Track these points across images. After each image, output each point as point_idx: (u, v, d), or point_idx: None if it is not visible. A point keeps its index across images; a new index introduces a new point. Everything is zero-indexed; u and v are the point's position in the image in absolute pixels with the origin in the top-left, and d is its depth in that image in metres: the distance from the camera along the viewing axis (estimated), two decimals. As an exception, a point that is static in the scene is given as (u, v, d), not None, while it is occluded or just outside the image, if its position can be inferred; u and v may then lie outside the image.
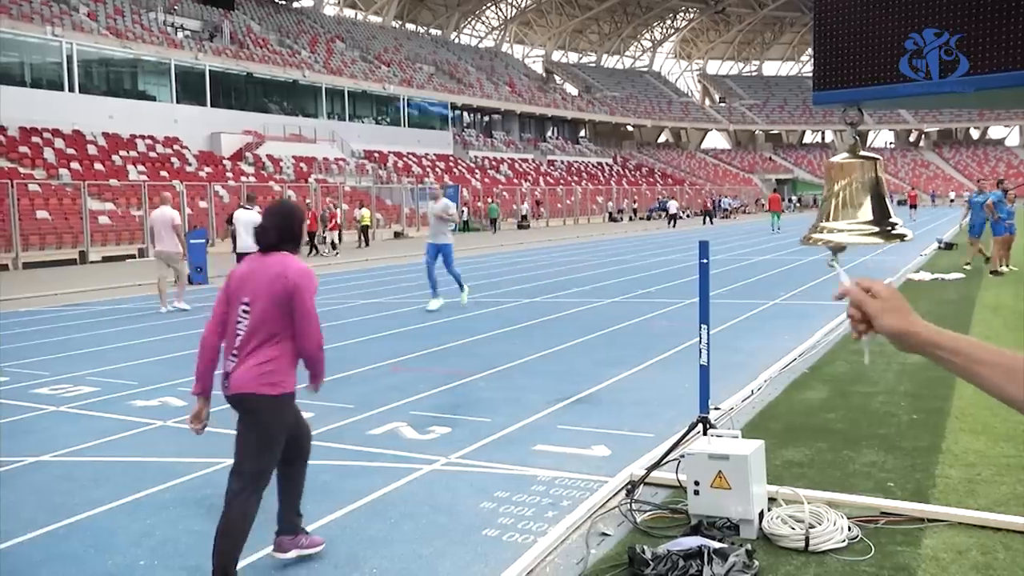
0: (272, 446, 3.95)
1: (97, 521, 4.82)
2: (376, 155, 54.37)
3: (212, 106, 47.08)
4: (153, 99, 44.99)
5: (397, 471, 5.52)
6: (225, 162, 43.44)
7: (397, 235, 43.10)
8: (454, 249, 14.28)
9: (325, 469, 5.61)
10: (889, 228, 1.97)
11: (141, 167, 37.96)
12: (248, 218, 15.60)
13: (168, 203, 15.02)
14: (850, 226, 1.96)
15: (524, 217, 51.34)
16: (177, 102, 45.44)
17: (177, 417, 7.08)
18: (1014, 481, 4.89)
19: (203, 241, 20.77)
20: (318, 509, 4.83)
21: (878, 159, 2.04)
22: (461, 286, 14.41)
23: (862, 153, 2.04)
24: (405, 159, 56.51)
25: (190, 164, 41.20)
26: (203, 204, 35.26)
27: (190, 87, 46.53)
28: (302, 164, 46.75)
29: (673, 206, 51.71)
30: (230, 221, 19.28)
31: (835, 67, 2.02)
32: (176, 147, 42.50)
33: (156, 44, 46.49)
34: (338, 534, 4.52)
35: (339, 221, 32.19)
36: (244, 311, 3.95)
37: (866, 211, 1.97)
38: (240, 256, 16.67)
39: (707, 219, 51.78)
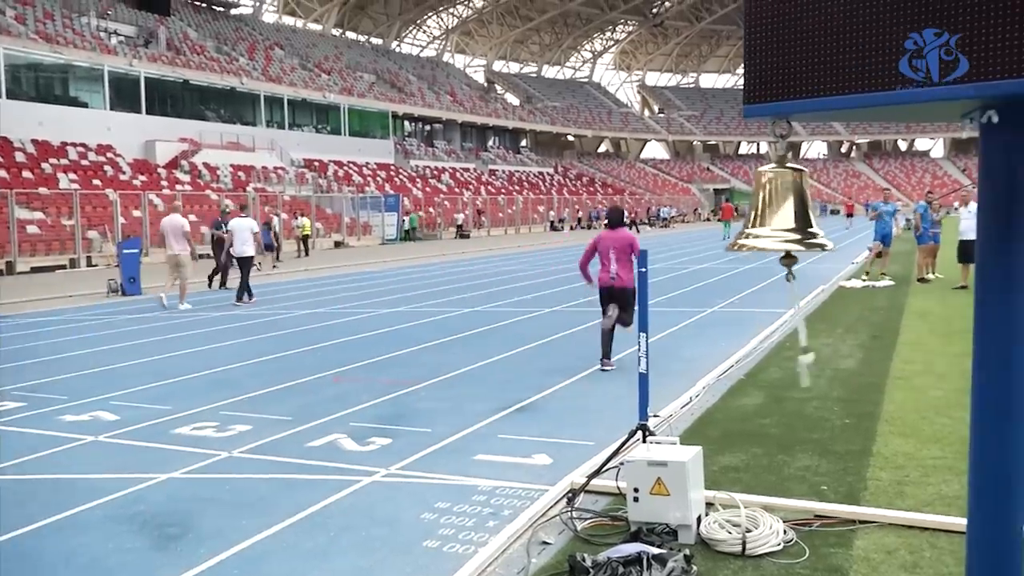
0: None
1: (22, 542, 4.66)
2: (316, 164, 53.84)
3: (147, 113, 46.12)
4: (85, 106, 43.90)
5: (336, 483, 5.45)
6: (160, 170, 42.58)
7: (338, 244, 42.72)
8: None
9: (262, 483, 5.52)
10: (810, 237, 2.02)
11: (72, 175, 36.99)
12: (243, 225, 16.92)
13: (178, 211, 16.84)
14: (774, 233, 2.01)
15: (460, 227, 51.34)
16: (111, 109, 44.42)
17: (109, 432, 6.90)
18: (939, 482, 5.03)
19: (136, 251, 20.29)
20: (254, 524, 4.75)
21: (804, 171, 2.09)
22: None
23: (789, 165, 2.08)
24: (346, 168, 56.05)
25: (124, 172, 40.29)
26: (137, 213, 34.47)
27: (124, 94, 45.53)
28: (240, 173, 46.07)
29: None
30: (217, 227, 19.17)
31: (764, 81, 2.06)
32: (109, 155, 41.53)
33: (88, 50, 45.43)
34: (275, 549, 4.44)
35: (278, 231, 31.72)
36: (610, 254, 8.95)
37: (789, 220, 2.02)
38: (237, 260, 17.11)
39: (632, 227, 52.17)
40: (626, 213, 47.05)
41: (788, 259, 2.09)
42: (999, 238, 2.06)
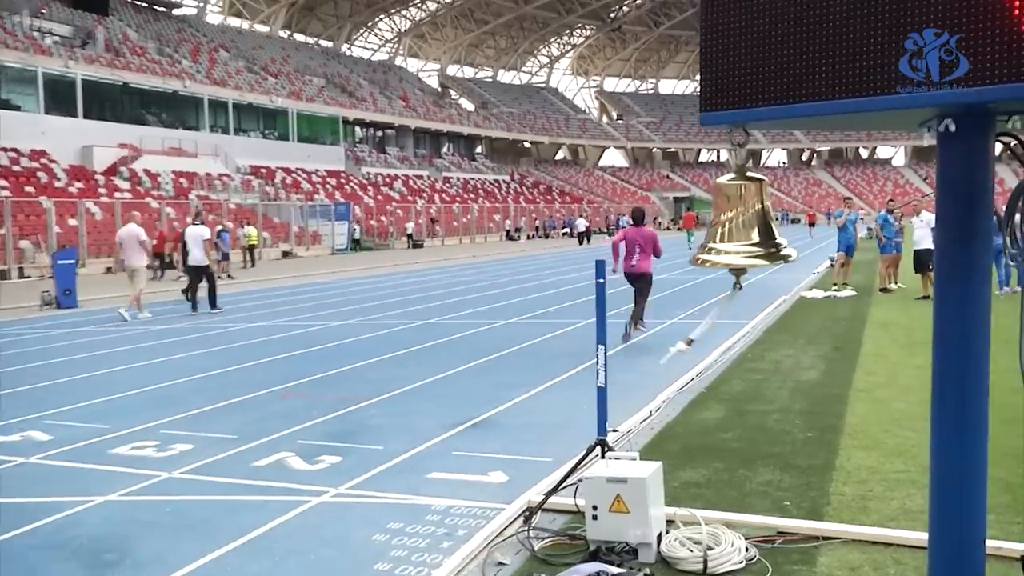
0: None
1: (-52, 569, 4.53)
2: (263, 171, 53.36)
3: (84, 117, 45.35)
4: (18, 109, 43.05)
5: (283, 504, 5.38)
6: (98, 177, 41.86)
7: (286, 255, 42.35)
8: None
9: (204, 505, 5.43)
10: (775, 249, 2.04)
11: (3, 182, 36.23)
12: (196, 233, 17.11)
13: (135, 220, 16.96)
14: (738, 248, 2.02)
15: (411, 236, 51.19)
16: (45, 112, 43.61)
17: (41, 453, 6.75)
18: (903, 496, 5.10)
19: (72, 262, 19.90)
20: (196, 548, 4.67)
21: (764, 180, 2.12)
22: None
23: (749, 174, 2.11)
24: (294, 175, 55.63)
25: (59, 179, 39.54)
26: (73, 222, 33.86)
27: (60, 97, 44.73)
28: (182, 180, 45.49)
29: (582, 224, 53.02)
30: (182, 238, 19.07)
31: (721, 88, 2.08)
32: (43, 161, 40.74)
33: (21, 50, 44.58)
34: (218, 575, 4.37)
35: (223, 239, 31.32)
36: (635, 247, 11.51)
37: (753, 232, 2.03)
38: (192, 269, 17.34)
39: (581, 240, 52.32)
40: (584, 222, 47.57)
41: (737, 268, 2.11)
42: (957, 248, 2.10)
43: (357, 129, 74.03)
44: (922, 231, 15.64)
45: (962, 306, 2.11)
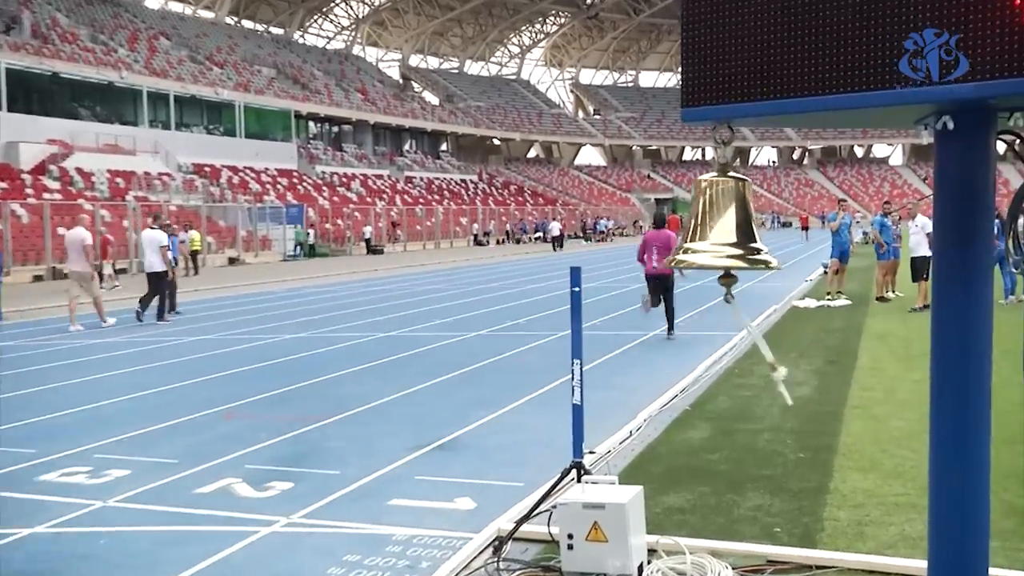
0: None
1: None
2: (207, 169, 53.02)
3: (9, 110, 44.80)
4: (-67, 101, 42.57)
5: (229, 535, 5.34)
6: (24, 176, 41.37)
7: (232, 261, 42.08)
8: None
9: (142, 536, 5.38)
10: (753, 253, 2.06)
11: (-82, 181, 35.76)
12: (153, 237, 17.36)
13: (83, 224, 17.13)
14: (713, 248, 2.04)
15: (368, 241, 51.09)
16: (-35, 105, 43.12)
17: (-40, 480, 6.64)
18: (903, 521, 5.16)
19: (-4, 270, 19.64)
20: (134, 584, 4.61)
21: (746, 180, 2.14)
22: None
23: (732, 173, 2.13)
24: (241, 174, 55.34)
25: (-19, 178, 39.09)
26: (-4, 226, 33.45)
27: (-19, 88, 44.25)
28: (119, 179, 45.07)
29: (556, 227, 53.19)
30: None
31: (705, 81, 2.10)
32: (-37, 158, 40.27)
33: (-62, 36, 44.07)
34: (158, 613, 4.32)
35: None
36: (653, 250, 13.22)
37: (730, 233, 2.06)
38: (148, 276, 17.36)
39: (555, 245, 52.58)
40: (559, 226, 47.96)
41: (727, 278, 2.13)
42: (956, 254, 2.13)
43: (311, 124, 73.83)
44: (917, 237, 15.81)
45: (962, 313, 2.14)
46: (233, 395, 9.71)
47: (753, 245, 2.11)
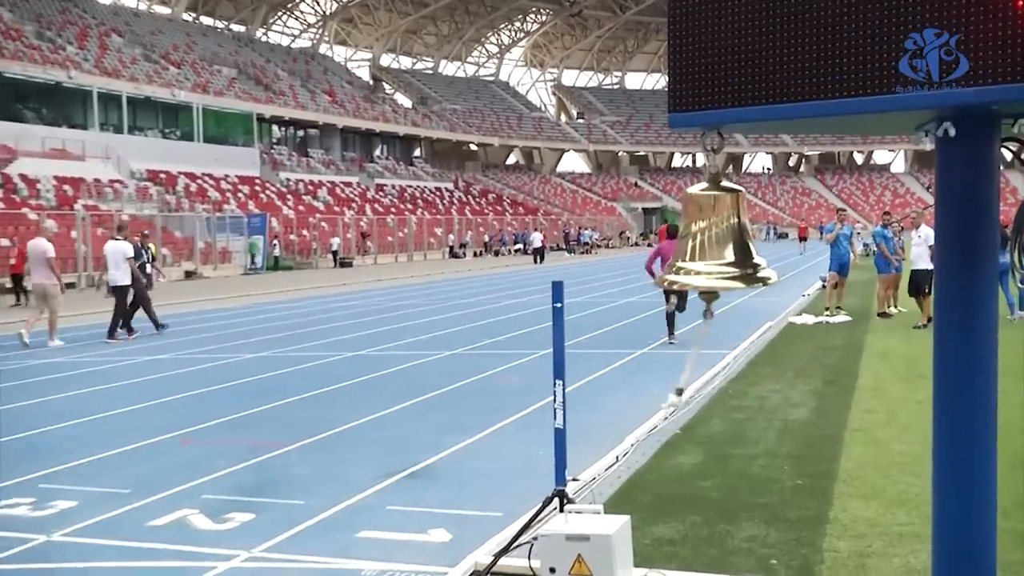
0: None
1: None
2: (163, 176, 52.83)
3: (-53, 113, 44.62)
4: None
5: (185, 572, 5.30)
6: (-36, 183, 41.14)
7: (189, 275, 41.88)
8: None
9: (89, 573, 5.33)
10: (752, 271, 2.07)
11: None
12: (118, 249, 17.37)
13: (45, 234, 17.44)
14: (709, 268, 2.05)
15: (336, 254, 50.99)
16: (-102, 107, 42.82)
17: None
18: (907, 552, 5.18)
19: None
20: (81, 624, 4.57)
21: (740, 191, 2.15)
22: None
23: (724, 184, 2.14)
24: (200, 181, 55.17)
25: (-85, 186, 38.80)
26: (-68, 237, 33.20)
27: (-84, 88, 43.98)
28: (66, 187, 44.82)
29: (538, 239, 53.29)
30: (137, 255, 18.92)
31: (694, 84, 2.12)
32: None
33: None
34: (107, 655, 4.28)
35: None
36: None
37: (727, 251, 2.06)
38: (112, 289, 17.56)
39: (536, 258, 52.67)
40: (540, 237, 48.42)
41: (708, 294, 2.14)
42: (959, 267, 2.15)
43: (274, 128, 73.73)
44: (919, 248, 15.86)
45: (965, 330, 2.16)
46: (190, 419, 9.65)
47: (752, 261, 2.11)
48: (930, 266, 14.85)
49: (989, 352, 2.17)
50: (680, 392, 2.13)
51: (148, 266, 20.05)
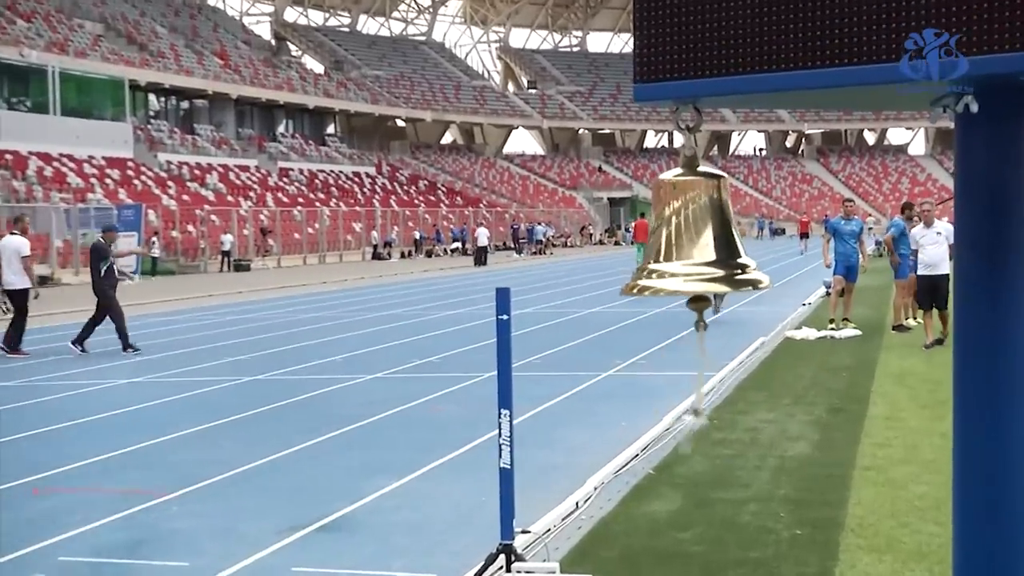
0: None
1: None
2: (8, 158, 52.10)
3: None
4: None
5: (39, 651, 5.24)
6: None
7: (44, 281, 41.30)
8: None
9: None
10: (738, 271, 2.09)
11: None
12: (11, 246, 18.00)
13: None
14: (686, 269, 2.06)
15: (229, 255, 50.64)
16: None
17: None
18: (927, 616, 5.26)
19: None
20: None
21: (723, 177, 2.17)
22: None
23: (702, 170, 2.16)
24: (56, 164, 54.49)
25: None
26: None
27: None
28: None
29: (483, 236, 53.23)
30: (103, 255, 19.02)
31: (663, 50, 2.13)
32: None
33: None
34: None
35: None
36: None
37: (707, 249, 2.08)
38: (7, 293, 18.32)
39: (478, 259, 52.95)
40: (487, 234, 48.75)
41: (699, 302, 2.16)
42: (981, 272, 2.19)
43: (151, 98, 73.05)
44: (938, 248, 15.50)
45: (988, 345, 2.19)
46: (42, 463, 9.52)
47: (737, 261, 2.12)
48: (948, 271, 14.87)
49: (1018, 372, 2.20)
50: (697, 413, 2.15)
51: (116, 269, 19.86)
